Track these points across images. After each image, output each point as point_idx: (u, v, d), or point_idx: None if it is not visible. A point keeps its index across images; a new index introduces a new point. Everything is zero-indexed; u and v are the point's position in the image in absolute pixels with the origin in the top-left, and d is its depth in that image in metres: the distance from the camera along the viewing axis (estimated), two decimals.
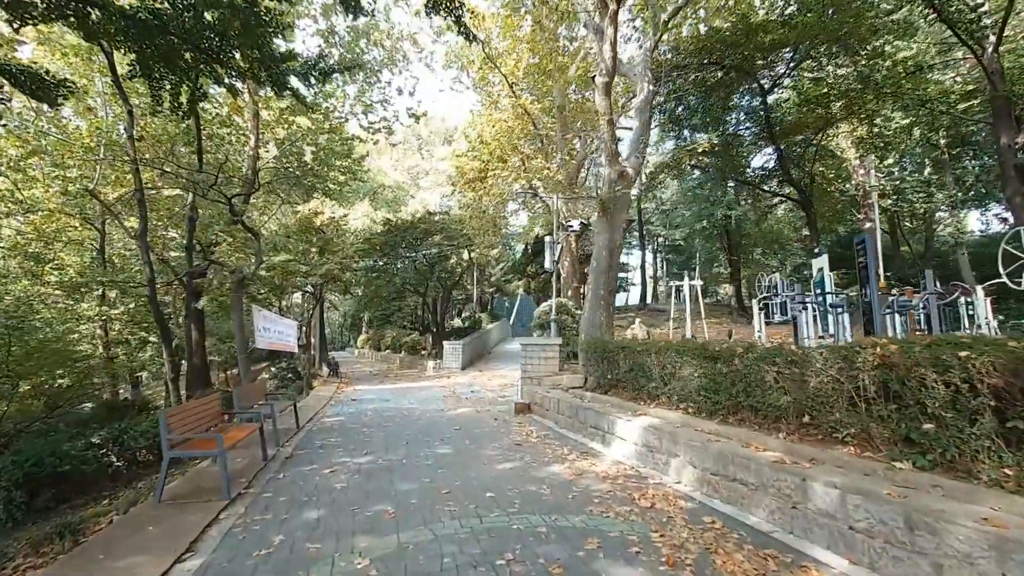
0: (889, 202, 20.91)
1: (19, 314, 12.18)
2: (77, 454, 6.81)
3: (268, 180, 17.28)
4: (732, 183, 23.19)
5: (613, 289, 10.02)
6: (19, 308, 13.45)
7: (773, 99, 15.89)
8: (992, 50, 11.57)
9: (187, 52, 7.79)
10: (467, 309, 32.04)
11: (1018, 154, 11.14)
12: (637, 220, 31.85)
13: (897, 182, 21.21)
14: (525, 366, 10.46)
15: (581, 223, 12.37)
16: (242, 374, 11.00)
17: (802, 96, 16.17)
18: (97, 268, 18.11)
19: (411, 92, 34.43)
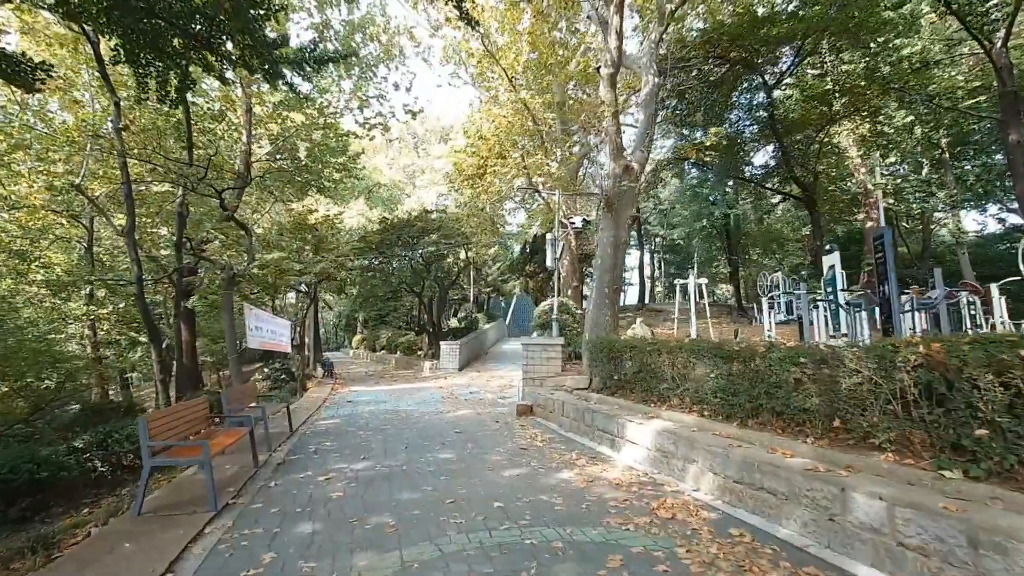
0: (890, 201, 20.76)
1: None
2: (57, 460, 6.45)
3: (261, 174, 16.86)
4: (731, 182, 22.98)
5: (618, 287, 9.72)
6: None
7: (776, 95, 15.67)
8: (1001, 45, 11.38)
9: (175, 37, 7.44)
10: (463, 309, 31.67)
11: None
12: (636, 219, 31.56)
13: (898, 181, 21.07)
14: (526, 366, 10.16)
15: (583, 219, 12.08)
16: (233, 375, 10.61)
17: (805, 92, 15.97)
18: (85, 266, 17.66)
19: (408, 88, 34.21)
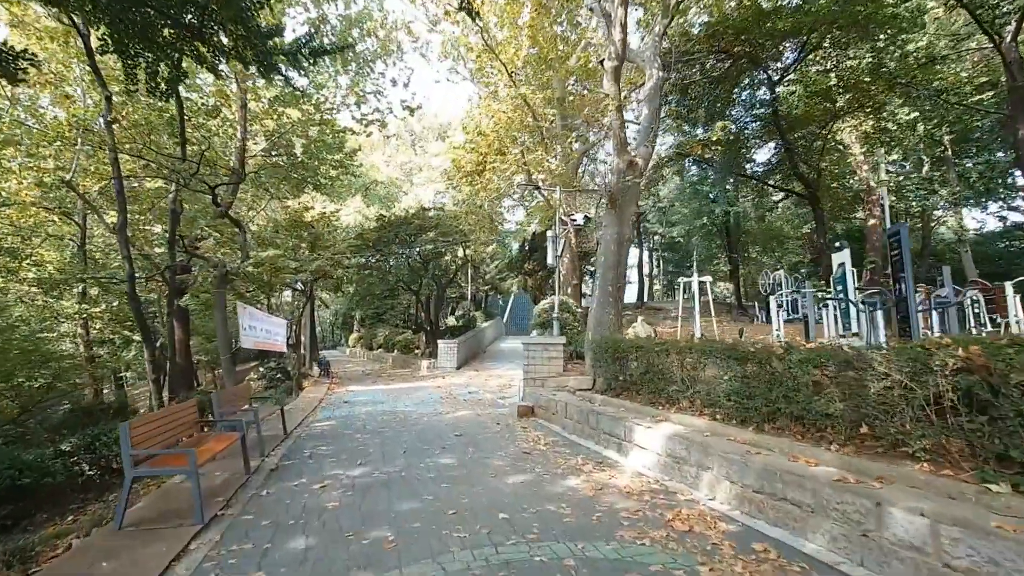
0: (892, 199, 20.59)
1: None
2: (40, 465, 6.20)
3: (256, 170, 16.56)
4: (732, 179, 22.76)
5: (622, 285, 9.48)
6: None
7: (780, 91, 15.46)
8: (1011, 39, 11.18)
9: (165, 27, 7.15)
10: (461, 307, 31.39)
11: None
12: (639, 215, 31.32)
13: (900, 179, 20.92)
14: (527, 366, 9.90)
15: (585, 216, 11.83)
16: (226, 376, 10.32)
17: (809, 88, 15.75)
18: (77, 264, 17.34)
19: (405, 83, 33.66)
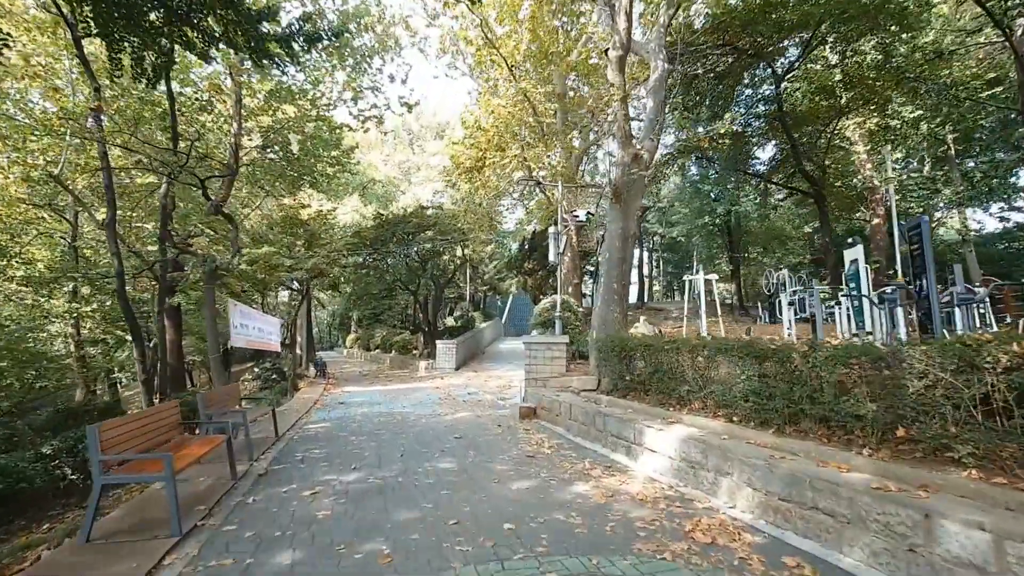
0: (896, 198, 20.38)
1: None
2: (16, 469, 5.88)
3: (249, 163, 16.22)
4: (734, 178, 22.51)
5: (627, 283, 9.19)
6: None
7: (784, 87, 15.22)
8: (1022, 33, 10.95)
9: (151, 11, 6.83)
10: (460, 308, 31.09)
11: None
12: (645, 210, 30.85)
13: (903, 178, 20.69)
14: (529, 366, 9.60)
15: (588, 213, 11.53)
16: (215, 376, 9.96)
17: (814, 85, 15.50)
18: (68, 262, 16.97)
19: (403, 80, 32.95)
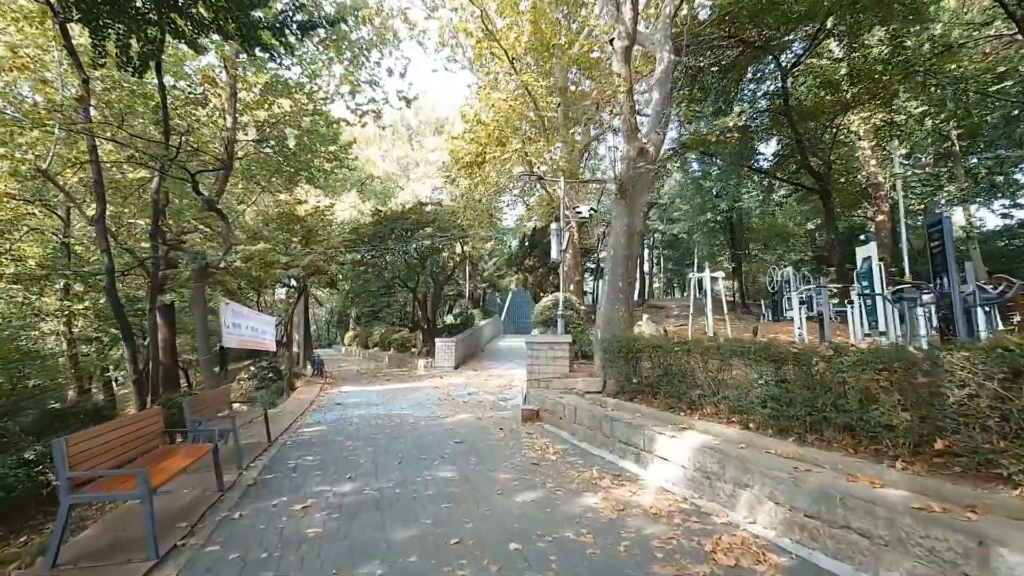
0: (900, 195, 20.12)
1: None
2: None
3: (244, 157, 15.91)
4: (737, 174, 22.22)
5: (633, 280, 8.92)
6: None
7: (789, 82, 14.93)
8: None
9: None
10: (459, 305, 30.80)
11: None
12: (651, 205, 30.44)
13: (907, 174, 20.43)
14: (531, 367, 9.32)
15: (591, 209, 11.25)
16: (205, 378, 9.66)
17: (819, 79, 15.22)
18: (60, 259, 16.67)
19: (402, 73, 33.03)
